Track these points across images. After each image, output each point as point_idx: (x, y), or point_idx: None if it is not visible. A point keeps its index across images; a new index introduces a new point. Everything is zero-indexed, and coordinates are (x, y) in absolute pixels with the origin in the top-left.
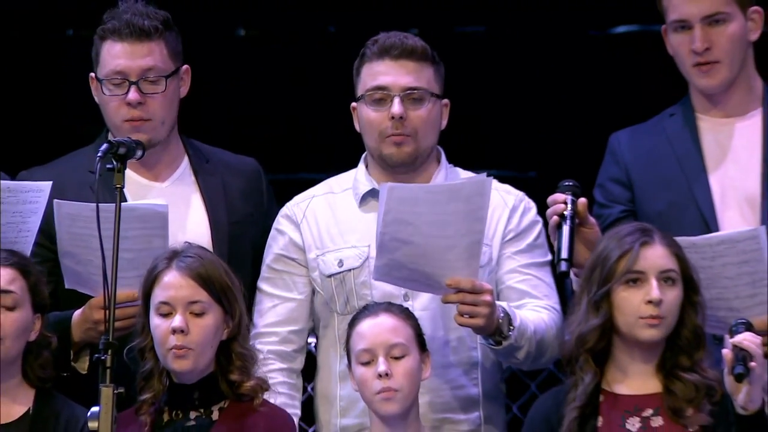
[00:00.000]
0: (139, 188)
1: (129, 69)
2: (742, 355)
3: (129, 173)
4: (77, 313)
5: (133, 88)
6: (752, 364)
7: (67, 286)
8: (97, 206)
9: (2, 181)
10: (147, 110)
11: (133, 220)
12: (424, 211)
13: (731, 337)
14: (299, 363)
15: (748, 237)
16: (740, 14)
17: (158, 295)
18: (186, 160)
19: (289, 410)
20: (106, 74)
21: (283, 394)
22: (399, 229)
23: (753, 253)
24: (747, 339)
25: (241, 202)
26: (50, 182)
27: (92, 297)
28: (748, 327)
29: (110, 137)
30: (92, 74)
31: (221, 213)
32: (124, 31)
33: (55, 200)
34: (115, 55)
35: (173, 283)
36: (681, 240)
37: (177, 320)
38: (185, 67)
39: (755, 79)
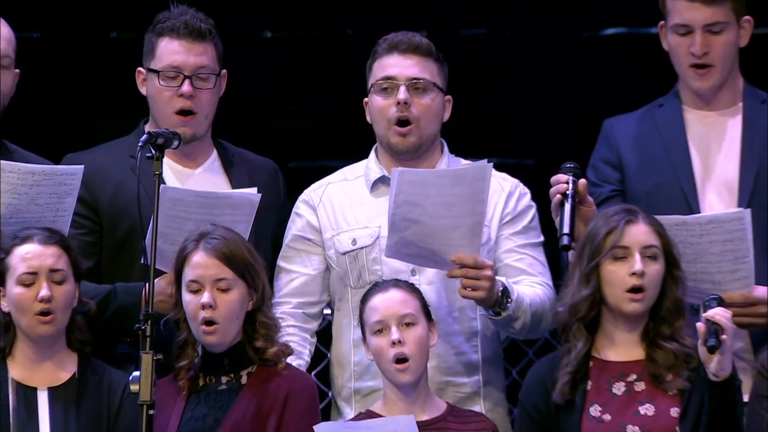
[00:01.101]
0: (175, 173)
1: (184, 64)
2: (714, 329)
3: (166, 160)
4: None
5: (186, 82)
6: (723, 336)
7: (157, 266)
8: (138, 186)
9: (39, 166)
10: (196, 103)
11: (225, 207)
12: (432, 194)
13: (704, 311)
14: (311, 326)
15: (733, 218)
16: (735, 23)
17: (188, 273)
18: (215, 152)
19: (298, 358)
20: (162, 67)
21: (294, 342)
22: (408, 210)
23: (737, 233)
24: (718, 313)
25: (264, 191)
26: (82, 166)
27: (165, 273)
28: (720, 302)
29: (147, 128)
30: (140, 68)
31: (262, 202)
32: (182, 30)
33: (162, 186)
34: (173, 51)
35: (201, 263)
36: (673, 218)
37: (205, 296)
38: (224, 71)
39: (738, 78)
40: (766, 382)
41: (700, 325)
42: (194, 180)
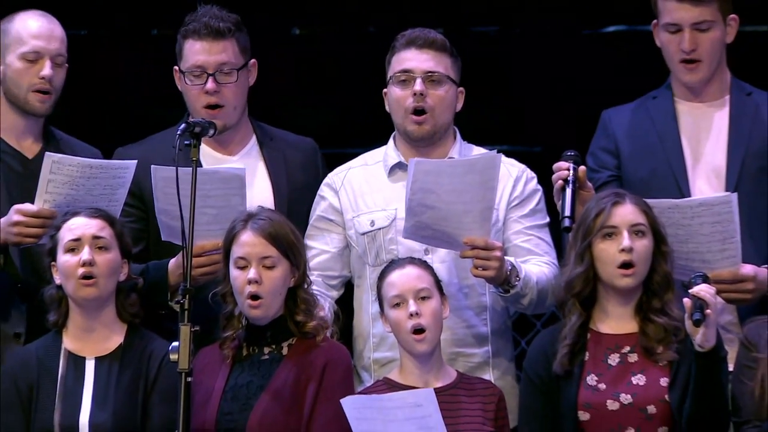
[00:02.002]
0: (214, 161)
1: (207, 63)
2: (699, 304)
3: (206, 149)
4: (172, 261)
5: (210, 79)
6: (707, 311)
7: (163, 239)
8: (176, 169)
9: (96, 160)
10: (222, 97)
11: (216, 182)
12: (445, 182)
13: (690, 288)
14: (333, 294)
15: (722, 201)
16: (721, 21)
17: (236, 251)
18: (254, 138)
19: (322, 301)
20: (188, 67)
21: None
22: (424, 196)
23: (725, 215)
24: (703, 289)
25: (300, 173)
26: (135, 161)
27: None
28: (705, 279)
29: (189, 119)
30: (176, 67)
31: (282, 182)
32: (202, 31)
33: (153, 165)
34: (196, 52)
35: (248, 242)
36: (666, 201)
37: (252, 273)
38: (252, 61)
39: (725, 72)
40: (749, 352)
41: (686, 301)
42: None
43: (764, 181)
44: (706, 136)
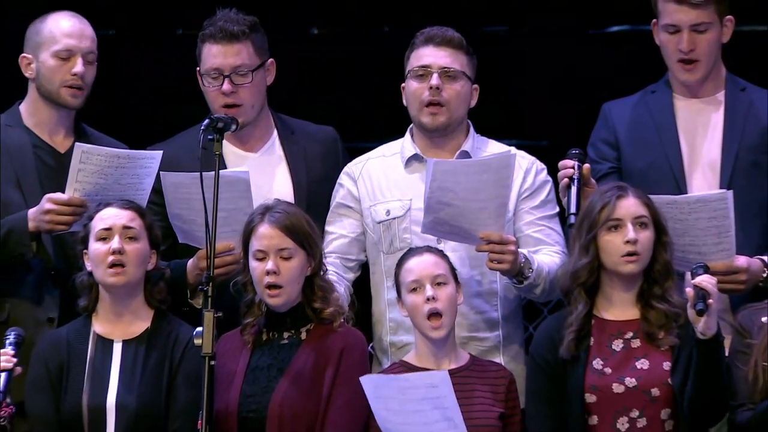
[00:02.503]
0: (236, 158)
1: (223, 65)
2: (701, 294)
3: (228, 146)
4: (190, 262)
5: (226, 81)
6: (710, 301)
7: (180, 241)
8: (201, 175)
9: (124, 151)
10: (238, 97)
11: (222, 186)
12: (462, 180)
13: (692, 278)
14: (349, 276)
15: (717, 198)
16: (718, 22)
17: (254, 243)
18: (275, 132)
19: (337, 284)
20: (206, 70)
21: (332, 278)
22: (442, 194)
23: (720, 211)
24: (705, 280)
25: (319, 164)
26: (161, 151)
27: (200, 249)
28: (706, 270)
29: (213, 116)
30: (198, 68)
31: (302, 175)
32: (218, 35)
33: (161, 172)
34: (212, 55)
35: (266, 234)
36: (665, 197)
37: (270, 264)
38: (270, 60)
39: (720, 68)
40: (743, 338)
41: (689, 290)
42: (253, 163)
43: (757, 175)
44: (702, 131)
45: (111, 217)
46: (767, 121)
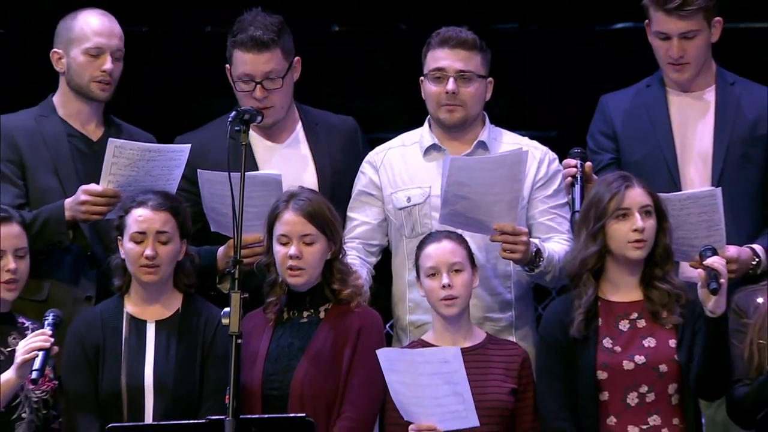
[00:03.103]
0: (265, 149)
1: (254, 72)
2: (713, 274)
3: (256, 137)
4: (220, 249)
5: (258, 87)
6: (722, 281)
7: (213, 230)
8: (230, 174)
9: (155, 144)
10: (269, 101)
11: (256, 185)
12: (477, 176)
13: (701, 260)
14: (371, 260)
15: (707, 195)
16: (707, 27)
17: (279, 228)
18: (299, 124)
19: (360, 268)
20: (237, 76)
21: (356, 263)
22: (458, 188)
23: (710, 207)
24: (716, 261)
25: (342, 155)
26: (189, 145)
27: (230, 238)
28: (714, 252)
29: (239, 107)
30: (228, 66)
31: (325, 165)
32: (249, 44)
33: (198, 170)
34: (243, 63)
35: (290, 220)
36: (659, 195)
37: (293, 249)
38: (297, 58)
39: (710, 63)
40: (740, 318)
41: (700, 272)
42: (280, 154)
43: (747, 167)
44: (694, 124)
45: (146, 221)
46: (756, 115)
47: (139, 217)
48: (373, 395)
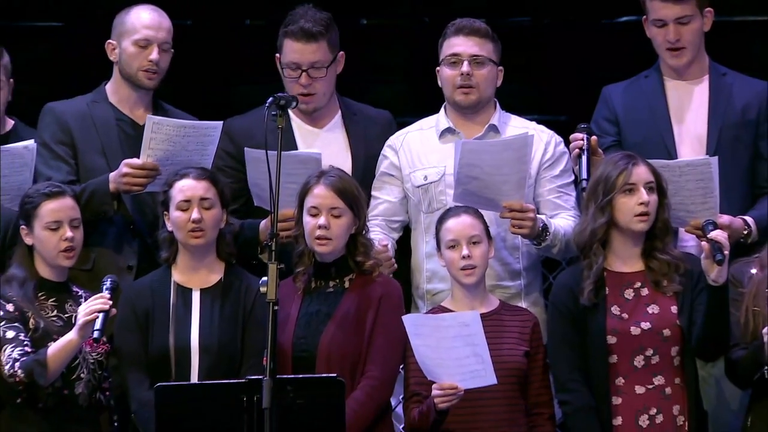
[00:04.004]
0: (306, 133)
1: (301, 61)
2: (717, 246)
3: (299, 122)
4: (262, 222)
5: (304, 75)
6: (726, 252)
7: (255, 204)
8: (267, 153)
9: (189, 121)
10: (313, 88)
11: (296, 163)
12: (486, 158)
13: (704, 233)
14: (394, 235)
15: (703, 163)
16: (699, 14)
17: (309, 201)
18: (339, 113)
19: (387, 240)
20: (286, 63)
21: (382, 234)
22: (469, 169)
23: (706, 174)
24: (719, 234)
25: (376, 144)
26: (221, 122)
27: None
28: (715, 225)
29: (277, 94)
30: (277, 55)
31: (360, 150)
32: (299, 34)
33: (246, 149)
34: (292, 51)
35: (320, 194)
36: (659, 161)
37: (321, 220)
38: (341, 53)
39: (704, 55)
40: (736, 287)
41: (704, 244)
42: (319, 138)
43: (738, 147)
44: (689, 109)
45: (190, 188)
46: (745, 102)
47: (183, 187)
48: (393, 356)
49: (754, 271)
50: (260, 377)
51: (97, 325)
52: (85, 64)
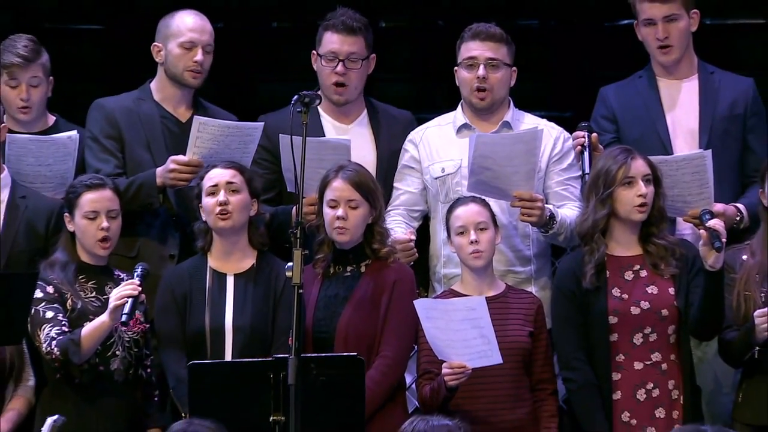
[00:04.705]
0: (334, 128)
1: (339, 51)
2: (715, 234)
3: (328, 118)
4: (294, 207)
5: (340, 64)
6: (723, 240)
7: (288, 190)
8: (291, 140)
9: (233, 122)
10: (347, 78)
11: (327, 149)
12: (498, 150)
13: (702, 222)
14: (414, 224)
15: (698, 157)
16: (686, 14)
17: (328, 194)
18: (365, 111)
19: (408, 228)
20: (325, 53)
21: (403, 224)
22: (483, 161)
23: (701, 167)
24: (717, 223)
25: (398, 140)
26: (263, 123)
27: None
28: (711, 215)
29: (302, 92)
30: (314, 51)
31: (384, 146)
32: (339, 27)
33: (280, 135)
34: (332, 42)
35: (338, 187)
36: (658, 157)
37: (340, 211)
38: (373, 55)
39: (693, 55)
40: (728, 273)
41: (703, 232)
42: (347, 133)
43: (727, 140)
44: (682, 105)
45: (217, 175)
46: (733, 97)
47: (212, 174)
48: (405, 337)
49: (745, 257)
50: (286, 356)
51: (126, 309)
52: (124, 64)
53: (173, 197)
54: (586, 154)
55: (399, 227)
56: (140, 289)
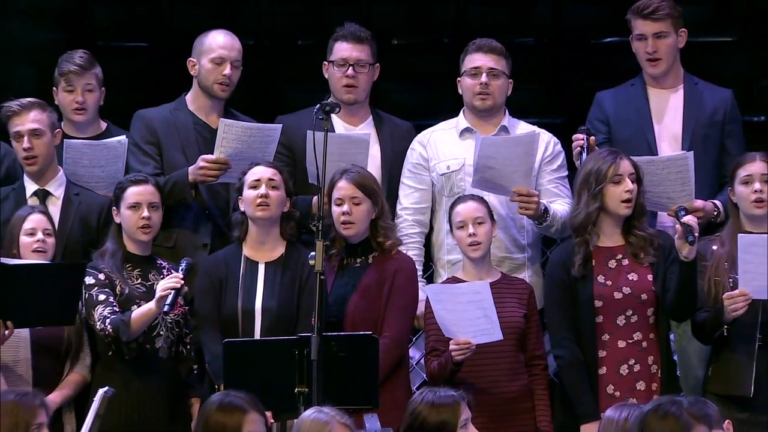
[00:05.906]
0: (344, 130)
1: (349, 57)
2: (689, 229)
3: (339, 122)
4: (315, 198)
5: (350, 68)
6: (696, 234)
7: (310, 181)
8: (314, 134)
9: (255, 124)
10: (357, 81)
11: (348, 144)
12: (501, 151)
13: (677, 218)
14: (425, 220)
15: (681, 158)
16: (674, 32)
17: (335, 194)
18: (371, 117)
19: (415, 253)
20: (336, 60)
21: (414, 245)
22: (486, 160)
23: (683, 167)
24: (691, 219)
25: (400, 143)
26: (281, 125)
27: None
28: (687, 211)
29: (323, 101)
30: (325, 62)
31: (388, 149)
32: (349, 36)
33: (308, 131)
34: (342, 49)
35: (342, 187)
36: (645, 158)
37: (345, 208)
38: (377, 64)
39: (679, 68)
40: (700, 261)
41: (678, 227)
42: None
43: (707, 144)
44: (667, 112)
45: (260, 172)
46: (714, 106)
47: (255, 171)
48: (404, 319)
49: (715, 247)
50: (309, 335)
51: (168, 300)
52: (165, 78)
53: (205, 192)
54: (584, 156)
55: (413, 248)
56: (183, 282)
